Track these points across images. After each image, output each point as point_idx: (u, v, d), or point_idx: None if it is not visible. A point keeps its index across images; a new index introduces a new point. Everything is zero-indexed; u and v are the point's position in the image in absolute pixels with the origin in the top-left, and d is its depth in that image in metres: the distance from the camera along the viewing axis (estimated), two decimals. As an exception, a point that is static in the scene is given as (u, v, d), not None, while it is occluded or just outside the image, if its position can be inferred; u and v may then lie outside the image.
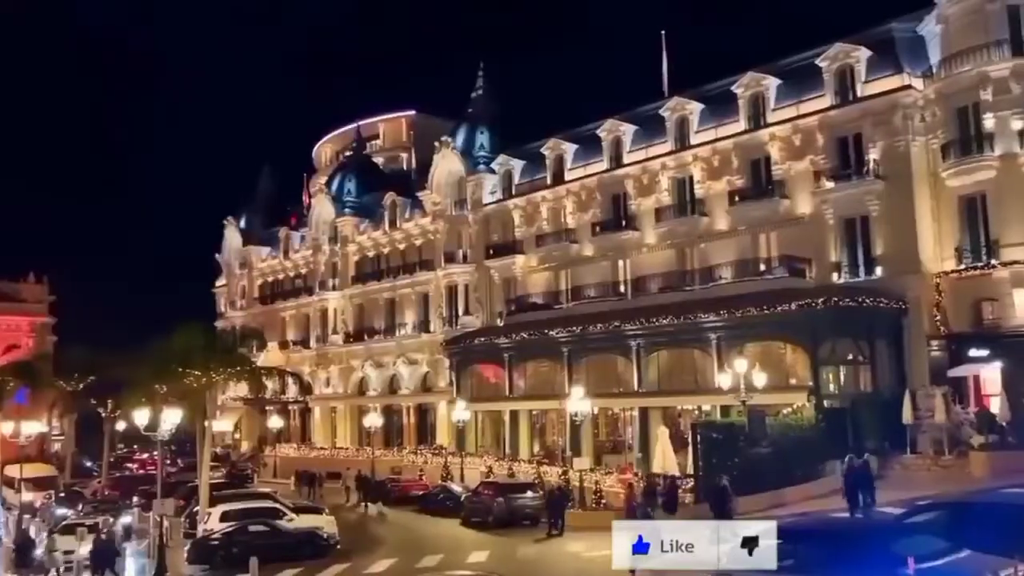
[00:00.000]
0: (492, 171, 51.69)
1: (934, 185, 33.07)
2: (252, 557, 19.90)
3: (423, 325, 55.05)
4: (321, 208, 64.28)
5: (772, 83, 38.11)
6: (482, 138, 53.36)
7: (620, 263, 43.48)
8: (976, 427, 28.79)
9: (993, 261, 30.82)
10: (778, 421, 29.60)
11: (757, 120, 38.49)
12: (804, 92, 36.85)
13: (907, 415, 29.32)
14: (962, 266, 31.78)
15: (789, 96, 37.57)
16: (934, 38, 33.59)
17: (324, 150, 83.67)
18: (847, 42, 35.42)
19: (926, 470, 27.86)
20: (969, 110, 31.87)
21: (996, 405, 28.93)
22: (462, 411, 43.54)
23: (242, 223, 74.47)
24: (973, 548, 9.95)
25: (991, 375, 30.41)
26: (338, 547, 26.13)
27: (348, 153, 70.72)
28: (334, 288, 62.53)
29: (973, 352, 30.74)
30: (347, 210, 62.48)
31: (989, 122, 31.18)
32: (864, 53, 34.95)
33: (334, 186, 64.66)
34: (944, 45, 32.84)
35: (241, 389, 54.22)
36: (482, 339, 46.58)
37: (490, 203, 51.33)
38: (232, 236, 74.96)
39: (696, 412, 35.79)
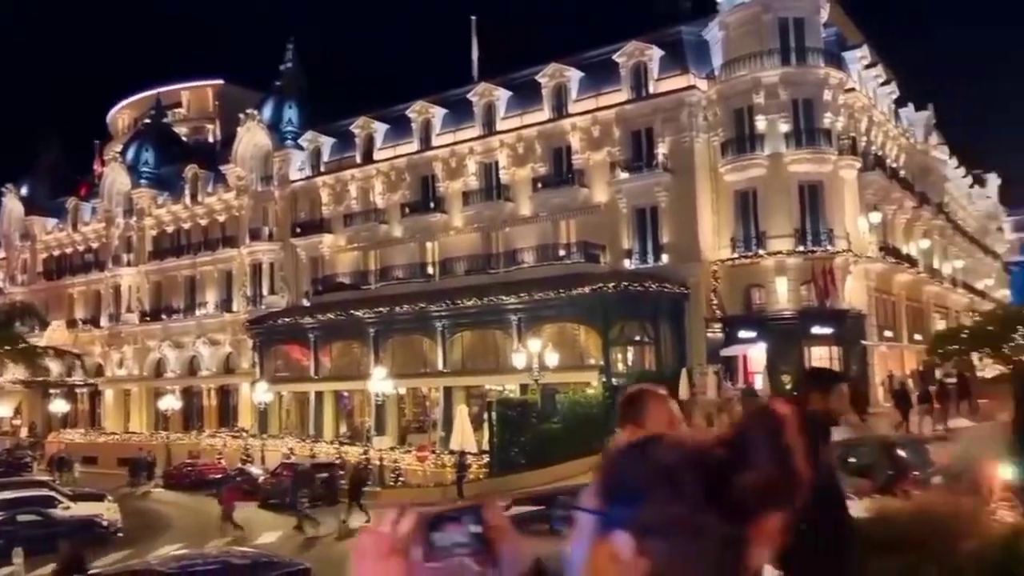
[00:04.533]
0: (300, 147, 50.56)
1: (714, 179, 35.89)
2: (16, 547, 18.74)
3: (225, 304, 53.19)
4: (115, 178, 60.24)
5: (574, 75, 39.76)
6: (290, 113, 52.05)
7: (428, 245, 44.00)
8: (742, 402, 31.66)
9: (760, 251, 33.96)
10: (567, 398, 31.25)
11: (560, 110, 40.05)
12: (603, 85, 38.75)
13: (683, 391, 31.71)
14: (735, 255, 34.78)
15: (589, 88, 39.37)
16: (717, 43, 36.37)
17: (120, 116, 78.55)
18: (642, 41, 37.58)
19: (698, 442, 30.33)
20: (744, 112, 34.85)
21: (759, 382, 31.99)
22: (264, 393, 42.69)
23: (24, 191, 68.37)
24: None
25: (757, 355, 33.57)
26: (120, 535, 25.01)
27: (147, 121, 66.67)
28: (129, 264, 58.89)
29: (742, 334, 33.80)
30: (144, 181, 58.93)
31: (761, 124, 34.26)
32: (656, 52, 37.24)
33: (130, 155, 60.81)
34: (725, 50, 35.66)
35: (22, 371, 50.37)
36: (287, 319, 45.68)
37: (298, 180, 50.23)
38: (12, 205, 68.67)
39: (501, 390, 37.02)
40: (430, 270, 43.49)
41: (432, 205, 43.75)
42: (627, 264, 37.02)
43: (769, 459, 1.09)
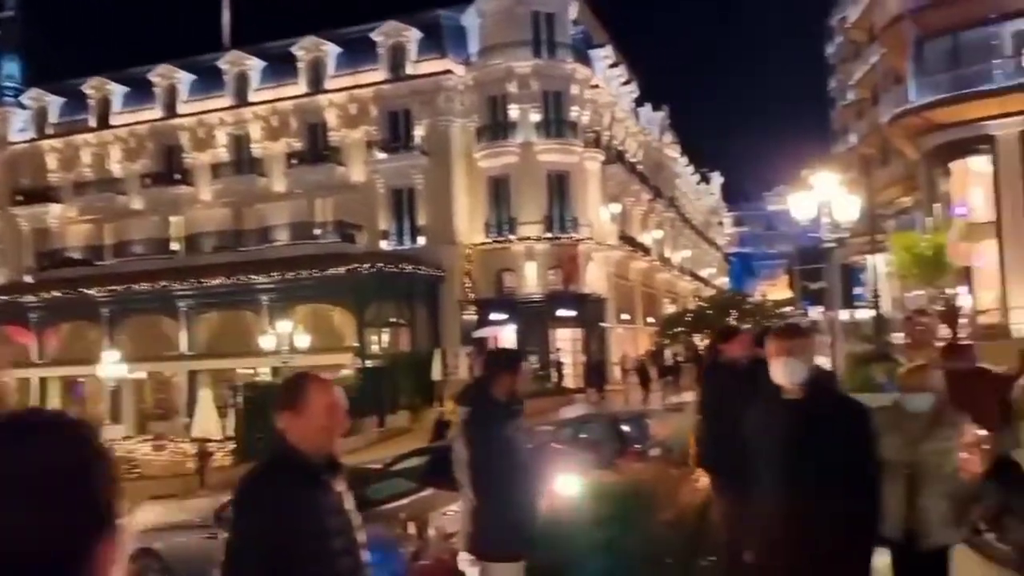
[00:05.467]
0: (22, 105, 45.40)
1: (469, 164, 36.65)
2: None
3: (-73, 279, 46.71)
4: None
5: (332, 50, 38.88)
6: (10, 66, 46.54)
7: (172, 219, 41.43)
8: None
9: (512, 236, 35.26)
10: (320, 381, 30.66)
11: (317, 85, 38.99)
12: (361, 63, 38.22)
13: (436, 372, 32.31)
14: (488, 239, 35.86)
15: (347, 65, 38.69)
16: (474, 30, 37.10)
17: None
18: (400, 21, 37.46)
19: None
20: (498, 100, 35.89)
21: (509, 362, 33.23)
22: (-27, 379, 38.06)
23: None
24: (438, 487, 11.41)
25: (508, 336, 34.85)
26: None
27: None
28: None
29: (494, 316, 34.96)
30: None
31: (514, 112, 35.45)
32: (415, 34, 37.28)
33: None
34: (481, 37, 36.53)
35: None
36: (5, 297, 41.05)
37: (19, 142, 45.06)
38: None
39: (252, 374, 35.59)
40: (174, 246, 40.93)
41: (177, 177, 41.05)
42: (384, 245, 36.94)
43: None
